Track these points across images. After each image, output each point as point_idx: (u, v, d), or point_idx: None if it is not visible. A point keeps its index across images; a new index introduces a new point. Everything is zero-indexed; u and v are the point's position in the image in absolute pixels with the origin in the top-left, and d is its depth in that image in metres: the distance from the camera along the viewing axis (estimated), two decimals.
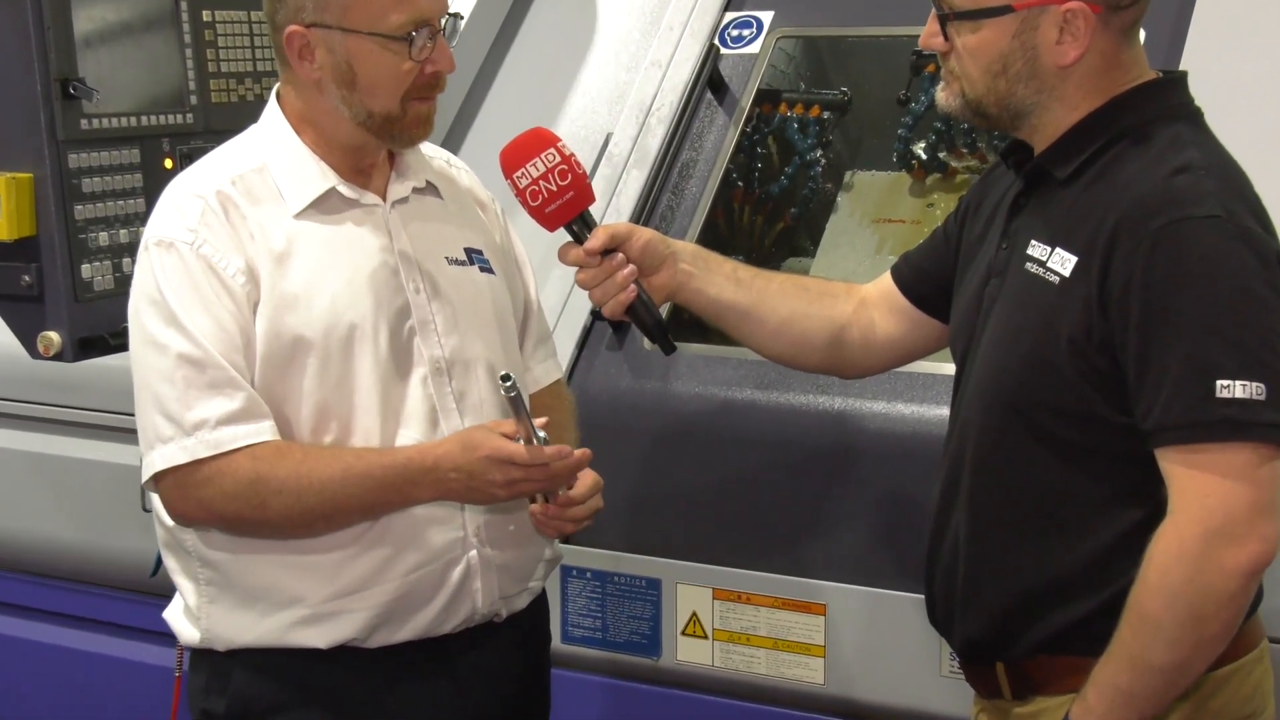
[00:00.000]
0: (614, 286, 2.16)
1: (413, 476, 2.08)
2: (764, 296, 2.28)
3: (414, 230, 2.23)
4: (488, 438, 2.06)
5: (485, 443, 2.05)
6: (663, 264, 2.23)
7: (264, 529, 2.12)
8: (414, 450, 2.10)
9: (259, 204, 2.14)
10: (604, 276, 2.16)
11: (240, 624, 2.17)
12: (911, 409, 2.63)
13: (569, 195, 2.13)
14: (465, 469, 2.06)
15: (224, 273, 2.09)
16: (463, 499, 2.13)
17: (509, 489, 2.07)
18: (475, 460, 2.05)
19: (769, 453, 2.73)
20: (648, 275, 2.21)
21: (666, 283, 2.24)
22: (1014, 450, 1.98)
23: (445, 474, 2.07)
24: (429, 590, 2.18)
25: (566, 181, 2.12)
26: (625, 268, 2.16)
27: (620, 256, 2.17)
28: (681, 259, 2.25)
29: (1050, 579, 1.98)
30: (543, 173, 2.11)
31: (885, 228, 3.15)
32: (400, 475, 2.08)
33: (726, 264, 2.30)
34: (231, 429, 2.06)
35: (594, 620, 2.88)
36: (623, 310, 2.17)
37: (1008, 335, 1.99)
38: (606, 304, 2.17)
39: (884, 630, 2.64)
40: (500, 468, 2.05)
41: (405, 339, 2.18)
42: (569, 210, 2.14)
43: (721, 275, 2.28)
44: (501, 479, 2.05)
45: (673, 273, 2.24)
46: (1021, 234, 2.02)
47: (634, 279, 2.16)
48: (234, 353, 2.08)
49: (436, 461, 2.07)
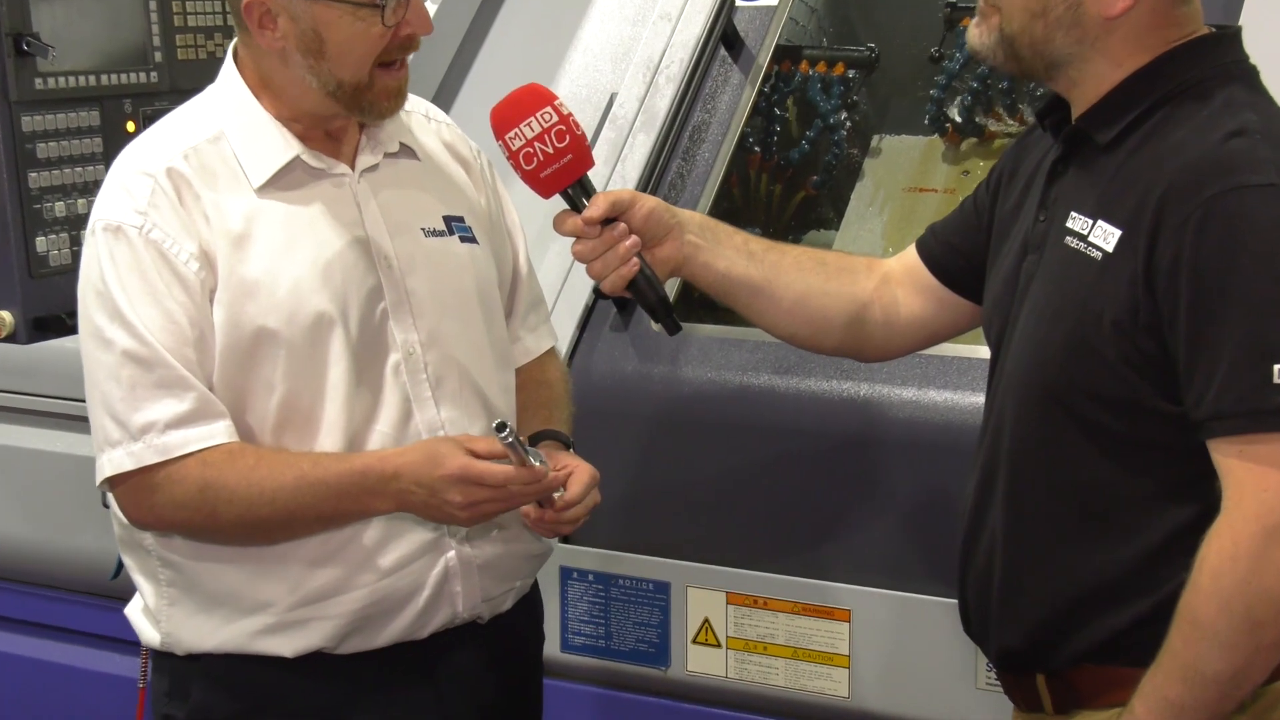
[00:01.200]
0: (614, 259, 2.15)
1: (371, 486, 2.08)
2: (777, 272, 2.28)
3: (386, 200, 2.23)
4: (453, 454, 2.05)
5: (450, 460, 2.05)
6: (668, 235, 2.23)
7: (218, 537, 2.14)
8: (374, 457, 2.10)
9: (215, 181, 2.14)
10: (604, 248, 2.15)
11: (201, 629, 2.19)
12: (944, 396, 2.63)
13: (566, 159, 2.12)
14: (426, 485, 2.06)
15: (176, 259, 2.09)
16: (422, 515, 2.13)
17: (470, 511, 2.07)
18: (437, 478, 2.05)
19: (788, 443, 2.73)
20: (651, 247, 2.21)
21: (672, 255, 2.23)
22: (1054, 443, 1.97)
23: (406, 486, 2.07)
24: (404, 595, 2.19)
25: (564, 144, 2.11)
26: (627, 239, 2.15)
27: (621, 227, 2.16)
28: (688, 230, 2.25)
29: (1095, 582, 1.98)
30: (538, 134, 2.10)
31: (916, 198, 3.15)
32: (357, 484, 2.08)
33: (737, 236, 2.30)
34: (181, 433, 2.07)
35: (595, 627, 2.88)
36: (624, 285, 2.17)
37: (1046, 317, 1.99)
38: (606, 278, 2.17)
39: (914, 638, 2.65)
40: (463, 488, 2.04)
41: (377, 323, 2.18)
42: (566, 175, 2.13)
43: (731, 248, 2.28)
44: (462, 500, 2.05)
45: (678, 245, 2.24)
46: (1060, 205, 2.02)
47: (636, 251, 2.16)
48: (185, 348, 2.08)
49: (397, 471, 2.07)
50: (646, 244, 2.19)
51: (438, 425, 2.20)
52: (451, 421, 2.21)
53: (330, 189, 2.19)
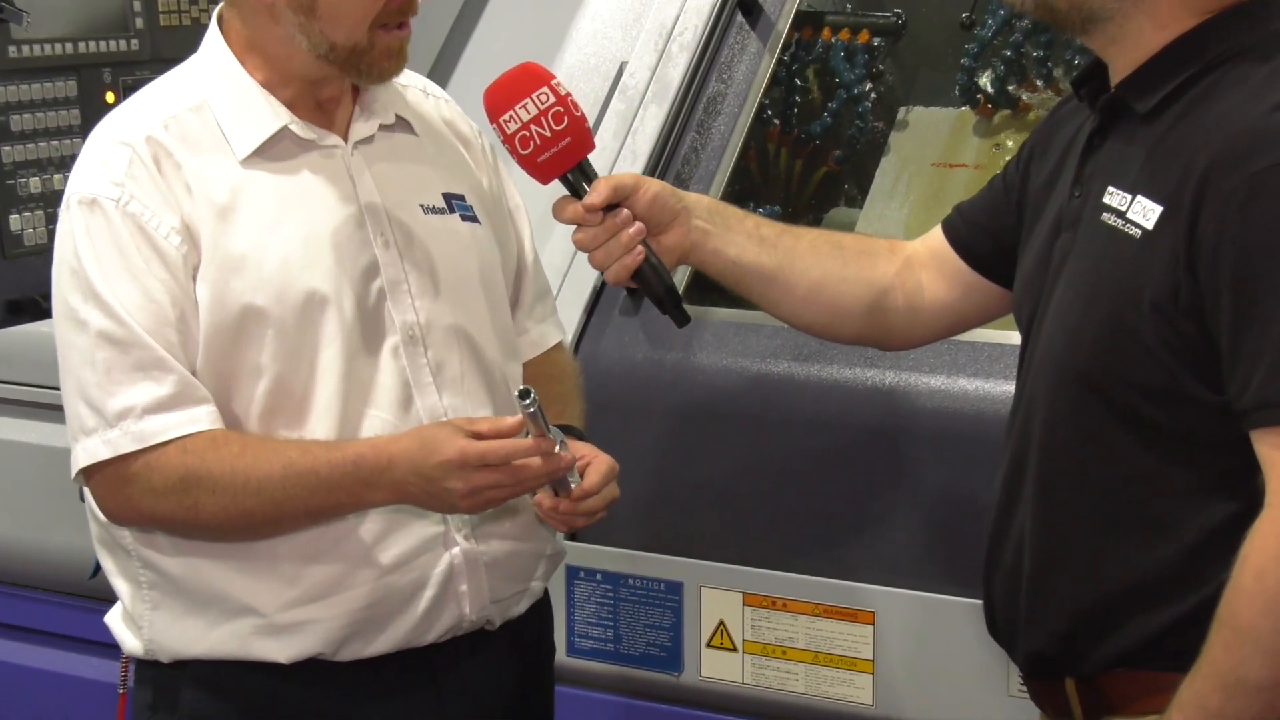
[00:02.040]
0: (617, 248, 2.16)
1: (365, 477, 2.07)
2: (791, 257, 2.29)
3: (381, 174, 2.22)
4: (450, 439, 2.04)
5: (446, 445, 2.04)
6: (674, 221, 2.23)
7: (201, 532, 2.13)
8: (366, 445, 2.09)
9: (197, 151, 2.14)
10: (605, 236, 2.16)
11: (188, 634, 2.18)
12: (974, 385, 2.64)
13: (564, 143, 2.12)
14: (423, 473, 2.05)
15: (155, 234, 2.09)
16: (422, 506, 2.13)
17: (472, 500, 2.06)
18: (433, 465, 2.04)
19: (808, 435, 2.74)
20: (657, 234, 2.21)
21: (678, 242, 2.24)
22: (1088, 434, 1.97)
23: (401, 476, 2.06)
24: (407, 595, 2.19)
25: (562, 126, 2.11)
26: (630, 226, 2.16)
27: (624, 213, 2.16)
28: (696, 215, 2.25)
29: (1129, 583, 1.97)
30: (534, 116, 2.11)
31: (945, 174, 3.15)
32: (350, 475, 2.07)
33: (748, 220, 2.31)
34: (160, 418, 2.07)
35: (604, 630, 2.89)
36: (628, 275, 2.17)
37: (1081, 299, 1.98)
38: (609, 268, 2.17)
39: (943, 642, 2.65)
40: (462, 474, 2.03)
41: (374, 303, 2.18)
42: (564, 160, 2.13)
43: (742, 233, 2.28)
44: (463, 487, 2.04)
45: (685, 231, 2.24)
46: (1097, 179, 2.00)
47: (641, 239, 2.16)
48: (165, 328, 2.08)
49: (391, 460, 2.06)
50: (652, 231, 2.20)
51: (440, 412, 2.20)
52: (454, 409, 2.21)
53: (321, 161, 2.19)
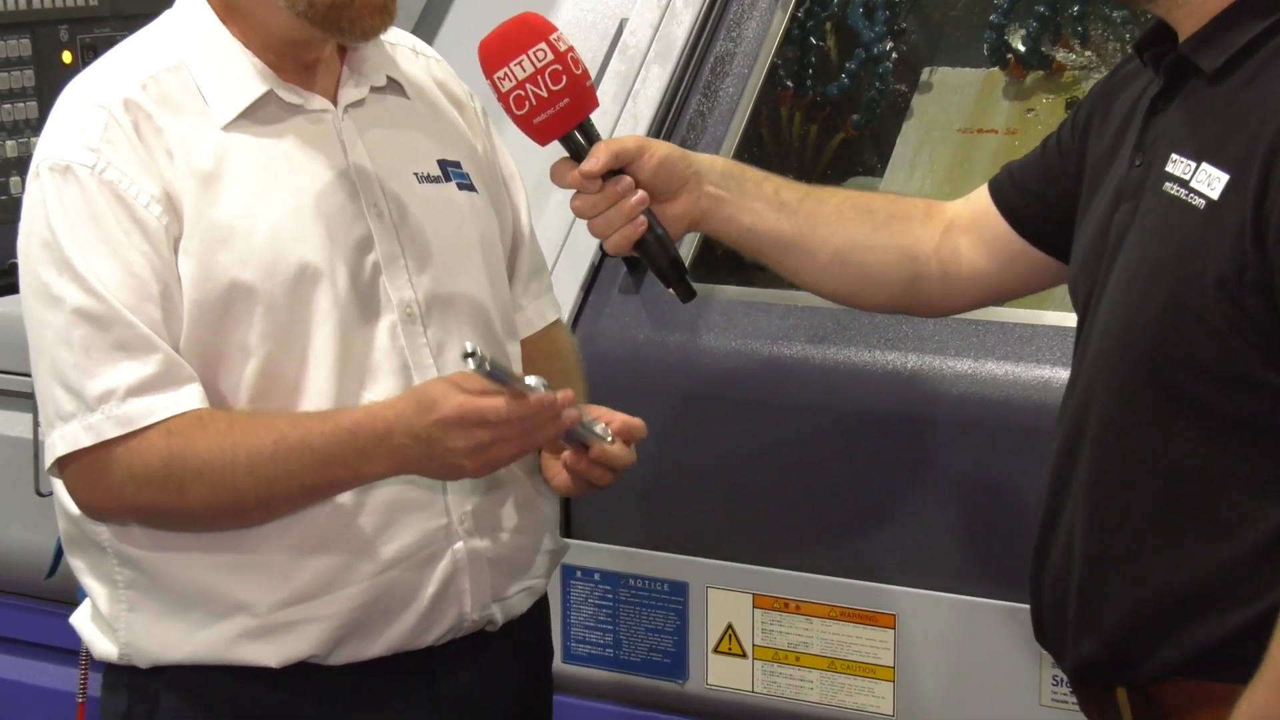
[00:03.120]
0: (618, 217, 2.16)
1: (362, 446, 2.06)
2: (814, 224, 2.29)
3: (373, 140, 2.23)
4: (446, 394, 2.02)
5: (442, 401, 2.02)
6: (683, 187, 2.23)
7: (190, 520, 2.12)
8: (362, 413, 2.08)
9: (178, 113, 2.13)
10: (606, 204, 2.16)
11: (169, 637, 2.17)
12: (1005, 368, 2.63)
13: (564, 102, 2.12)
14: (422, 436, 2.03)
15: (135, 202, 2.08)
16: (425, 473, 2.12)
17: (477, 459, 2.04)
18: (431, 425, 2.02)
19: (824, 423, 2.73)
20: (663, 201, 2.21)
21: (688, 210, 2.24)
22: (1146, 422, 1.97)
23: (400, 442, 2.05)
24: (406, 593, 2.19)
25: (560, 85, 2.11)
26: (632, 195, 2.16)
27: (626, 180, 2.17)
28: (707, 180, 2.25)
29: (1190, 585, 1.97)
30: (530, 74, 2.11)
31: (972, 140, 3.14)
32: (346, 445, 2.06)
33: (767, 183, 2.31)
34: (145, 400, 2.07)
35: (604, 634, 2.89)
36: (629, 246, 2.18)
37: (1141, 275, 1.98)
38: (610, 238, 2.18)
39: (970, 648, 2.65)
40: (463, 431, 2.01)
41: (368, 278, 2.18)
42: (564, 120, 2.14)
43: (759, 199, 2.28)
44: (466, 444, 2.02)
45: (695, 198, 2.24)
46: (1160, 146, 2.00)
47: (644, 208, 2.17)
48: (147, 304, 2.07)
49: (388, 426, 2.05)
50: (658, 198, 2.20)
51: None
52: None
53: (309, 126, 2.19)
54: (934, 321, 2.68)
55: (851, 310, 2.70)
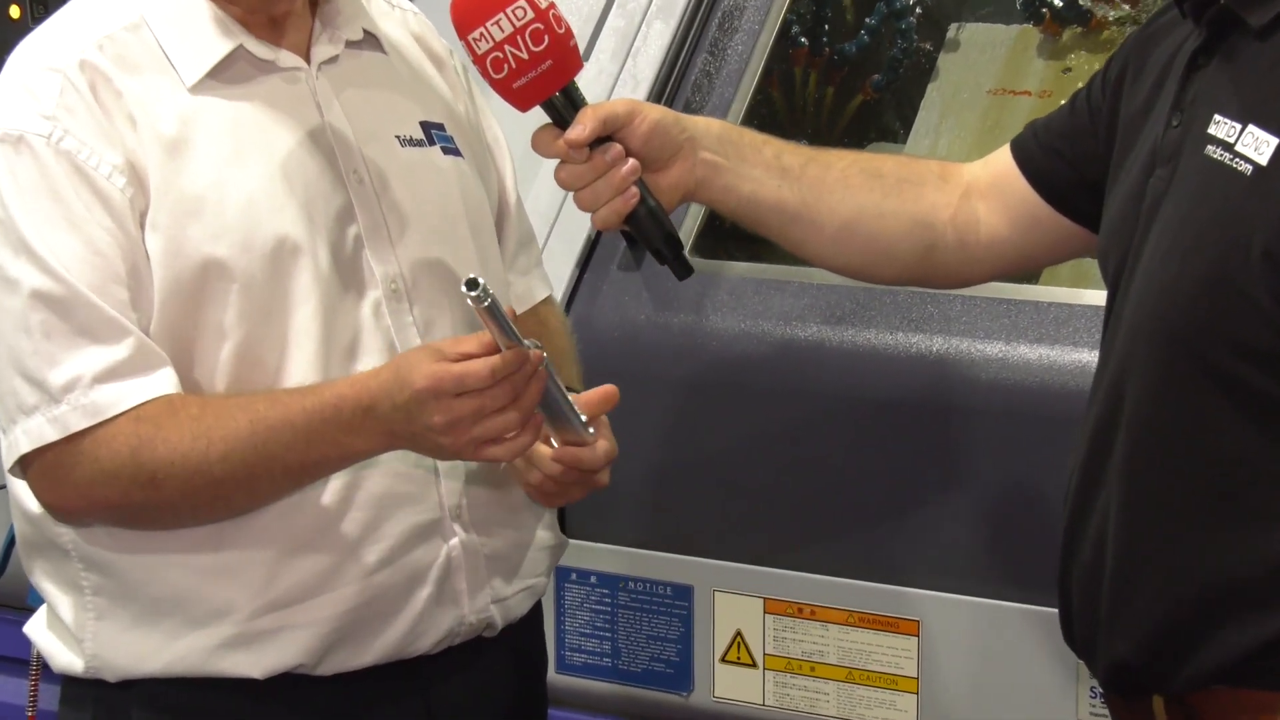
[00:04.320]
0: (607, 188, 2.16)
1: (347, 421, 2.05)
2: (819, 192, 2.30)
3: (351, 100, 2.23)
4: (419, 364, 2.01)
5: (417, 372, 2.00)
6: (676, 155, 2.23)
7: (166, 516, 2.12)
8: (346, 385, 2.07)
9: (139, 75, 2.13)
10: (593, 175, 2.16)
11: (142, 647, 2.17)
12: (1039, 352, 2.63)
13: (545, 65, 2.12)
14: (402, 408, 2.02)
15: (96, 174, 2.08)
16: (419, 452, 2.11)
17: (456, 437, 2.01)
18: (408, 399, 2.01)
19: (842, 413, 2.73)
20: (656, 170, 2.21)
21: (682, 180, 2.24)
22: (1184, 407, 1.96)
23: (385, 413, 2.03)
24: (399, 596, 2.19)
25: (542, 46, 2.10)
26: (623, 165, 2.16)
27: (615, 149, 2.16)
28: (703, 146, 2.25)
29: (1231, 584, 1.96)
30: (509, 34, 2.09)
31: (1004, 102, 3.15)
32: (330, 420, 2.05)
33: (767, 148, 2.31)
34: (114, 387, 2.06)
35: (601, 642, 2.89)
36: (619, 220, 2.18)
37: (1178, 247, 1.97)
38: (598, 211, 2.17)
39: (1000, 656, 2.65)
40: (440, 404, 1.99)
41: (350, 252, 2.18)
42: (547, 85, 2.13)
43: (759, 165, 2.28)
44: (443, 420, 2.00)
45: (690, 166, 2.24)
46: (1200, 106, 2.00)
47: (635, 178, 2.17)
48: (113, 284, 2.07)
49: (373, 398, 2.04)
50: (650, 166, 2.20)
51: None
52: None
53: (283, 86, 2.19)
54: (961, 301, 2.68)
55: (871, 289, 2.71)
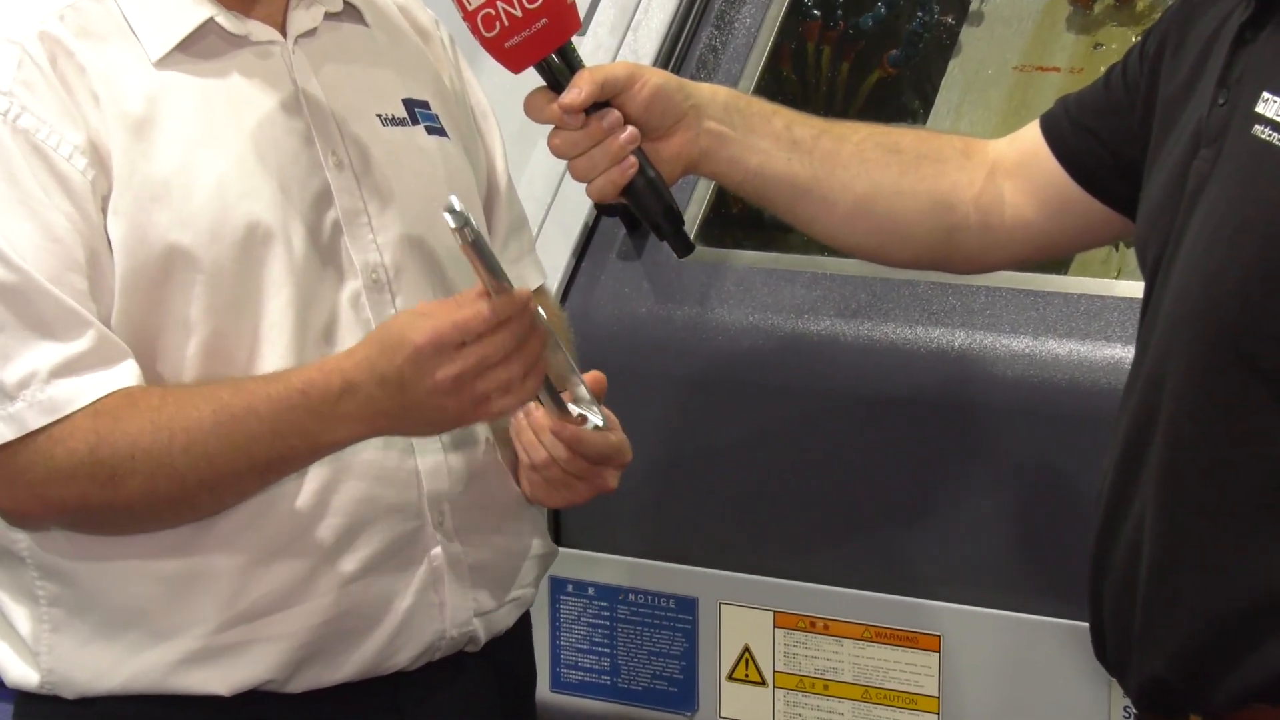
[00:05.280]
0: (604, 157, 2.17)
1: (317, 407, 2.04)
2: (831, 166, 2.30)
3: (330, 76, 2.23)
4: (413, 323, 2.01)
5: (411, 331, 2.00)
6: (679, 122, 2.23)
7: (127, 517, 2.12)
8: (315, 370, 2.07)
9: (103, 48, 2.13)
10: (589, 142, 2.17)
11: (101, 662, 2.17)
12: (1069, 348, 2.63)
13: (540, 24, 2.12)
14: (393, 379, 2.01)
15: (55, 154, 2.08)
16: (403, 430, 2.11)
17: (463, 394, 2.01)
18: (404, 362, 2.00)
19: (857, 412, 2.74)
20: (657, 139, 2.22)
21: (684, 150, 2.25)
22: (1228, 405, 1.95)
23: (367, 394, 2.03)
24: (376, 608, 2.19)
25: (535, 4, 2.12)
26: (621, 132, 2.17)
27: (614, 115, 2.17)
28: (708, 114, 2.26)
29: (1275, 594, 1.96)
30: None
31: (1031, 79, 3.14)
32: (299, 408, 2.05)
33: (777, 118, 2.31)
34: (72, 381, 2.06)
35: (599, 659, 2.90)
36: (616, 192, 2.18)
37: (1224, 233, 1.96)
38: (594, 181, 2.18)
39: (1027, 673, 2.65)
40: (443, 359, 1.99)
41: (328, 238, 2.18)
42: (541, 44, 2.14)
43: (768, 136, 2.29)
44: (447, 375, 2.00)
45: (693, 135, 2.25)
46: (1248, 83, 1.99)
47: (634, 147, 2.17)
48: (71, 273, 2.07)
49: (347, 380, 2.03)
50: (650, 135, 2.21)
51: None
52: None
53: (256, 61, 2.19)
54: (986, 293, 2.69)
55: (889, 279, 2.71)
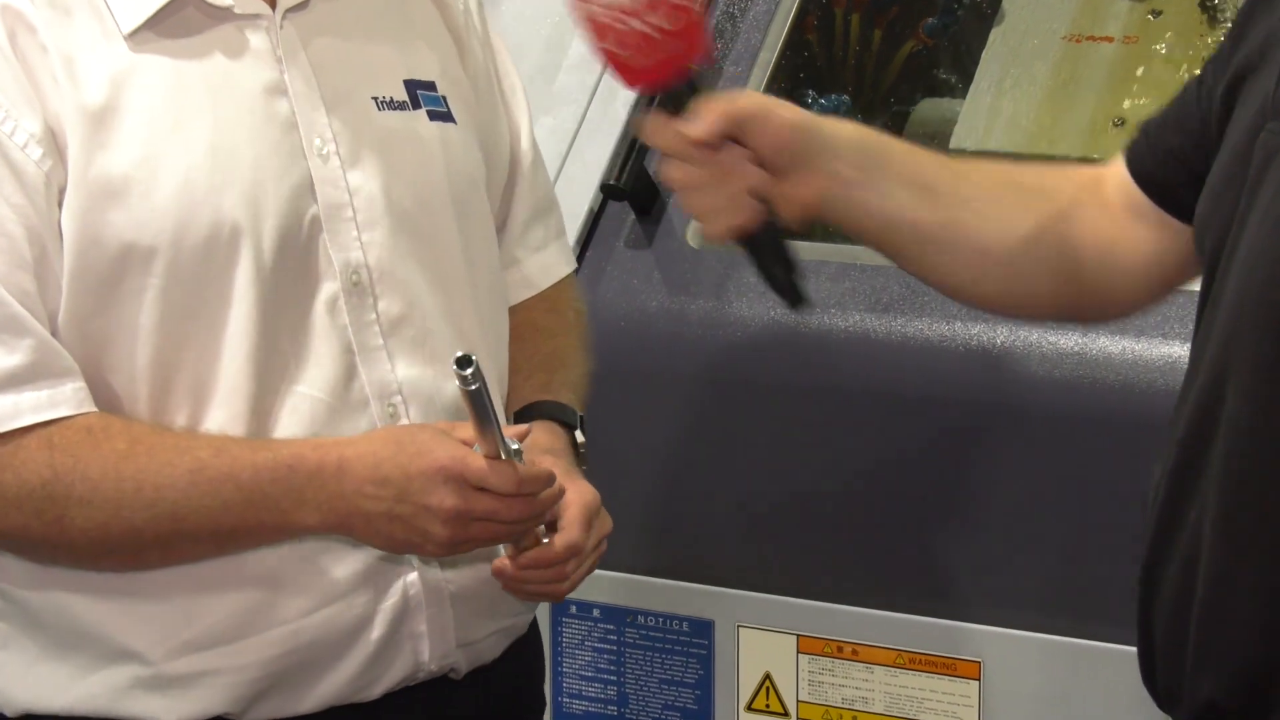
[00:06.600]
0: (725, 201, 2.12)
1: (299, 486, 2.08)
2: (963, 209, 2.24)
3: (320, 53, 2.22)
4: (439, 439, 2.06)
5: (437, 448, 2.05)
6: (810, 162, 2.18)
7: (64, 555, 2.14)
8: (309, 446, 2.10)
9: (68, 24, 2.12)
10: (713, 181, 2.12)
11: (45, 683, 2.19)
12: (1121, 345, 2.64)
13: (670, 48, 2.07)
14: (396, 483, 2.06)
15: (10, 142, 2.08)
16: (372, 537, 2.12)
17: (454, 529, 2.08)
18: (416, 474, 2.05)
19: (888, 415, 2.74)
20: (781, 178, 2.16)
21: (808, 194, 2.18)
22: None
23: (355, 487, 2.07)
24: (343, 639, 2.20)
25: (674, 26, 2.06)
26: (750, 175, 2.11)
27: (744, 154, 2.13)
28: (841, 156, 2.20)
29: None
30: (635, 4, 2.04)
31: (1081, 51, 3.13)
32: (280, 482, 2.08)
33: (908, 159, 2.26)
34: (10, 398, 2.07)
35: (604, 686, 2.91)
36: (736, 237, 2.13)
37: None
38: (715, 225, 2.13)
39: (1072, 702, 2.66)
40: (456, 491, 2.05)
41: (305, 239, 2.18)
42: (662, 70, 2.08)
43: (900, 180, 2.23)
44: (452, 506, 2.06)
45: (823, 179, 2.18)
46: None
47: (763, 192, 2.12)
48: (19, 272, 2.08)
49: (342, 465, 2.07)
50: (774, 173, 2.16)
51: (392, 388, 2.22)
52: (412, 383, 2.23)
53: (238, 37, 2.19)
54: None
55: None
